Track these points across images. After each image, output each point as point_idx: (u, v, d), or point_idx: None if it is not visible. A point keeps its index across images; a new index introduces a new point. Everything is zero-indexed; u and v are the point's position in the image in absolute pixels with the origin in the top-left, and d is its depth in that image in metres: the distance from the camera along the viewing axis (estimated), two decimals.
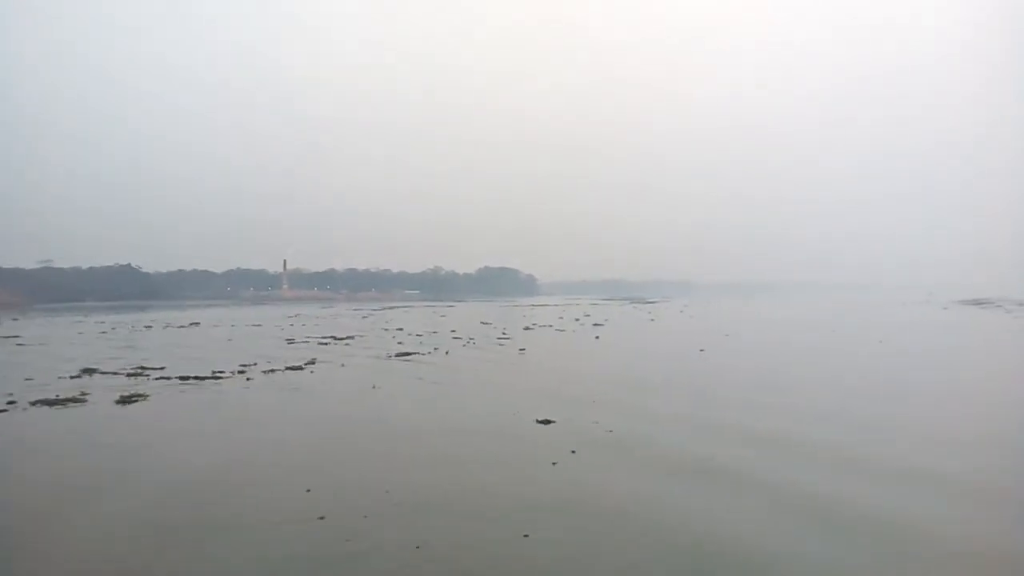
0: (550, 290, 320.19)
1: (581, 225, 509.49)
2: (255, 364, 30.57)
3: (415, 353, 35.33)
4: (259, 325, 66.52)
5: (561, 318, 77.92)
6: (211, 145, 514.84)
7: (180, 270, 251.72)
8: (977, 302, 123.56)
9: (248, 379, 26.21)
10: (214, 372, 27.71)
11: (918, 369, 29.85)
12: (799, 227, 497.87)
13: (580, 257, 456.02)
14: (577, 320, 72.79)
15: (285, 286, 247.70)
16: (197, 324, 67.98)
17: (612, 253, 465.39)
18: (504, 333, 51.76)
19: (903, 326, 62.79)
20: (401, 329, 57.90)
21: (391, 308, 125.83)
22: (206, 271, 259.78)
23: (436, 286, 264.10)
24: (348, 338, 47.37)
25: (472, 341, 44.12)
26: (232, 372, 27.85)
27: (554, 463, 13.23)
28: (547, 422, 16.89)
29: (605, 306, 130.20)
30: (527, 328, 59.38)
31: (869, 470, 12.49)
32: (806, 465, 12.91)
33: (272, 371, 28.29)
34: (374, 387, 23.73)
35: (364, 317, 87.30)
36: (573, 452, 14.01)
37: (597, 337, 49.27)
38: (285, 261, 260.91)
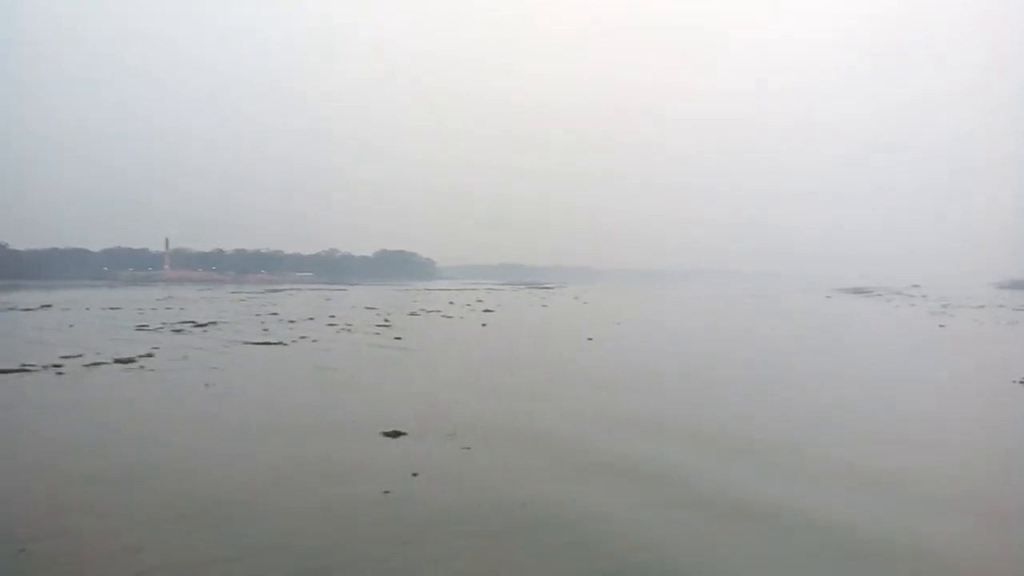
0: (450, 274, 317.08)
1: (483, 209, 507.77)
2: (80, 355, 26.47)
3: (278, 343, 31.92)
4: (118, 308, 60.44)
5: (452, 303, 75.62)
6: (94, 116, 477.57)
7: (54, 248, 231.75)
8: (858, 291, 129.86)
9: (59, 374, 22.33)
10: (23, 365, 23.59)
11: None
12: (708, 214, 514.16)
13: (481, 242, 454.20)
14: (468, 306, 70.62)
15: (166, 266, 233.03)
16: (48, 307, 61.17)
17: (514, 238, 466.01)
18: (386, 320, 48.79)
19: (768, 312, 64.90)
20: (275, 314, 53.90)
21: (277, 291, 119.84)
22: (82, 249, 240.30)
23: (331, 269, 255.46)
24: (210, 324, 43.15)
25: (348, 328, 41.01)
26: (45, 366, 23.78)
27: (386, 491, 10.70)
28: (396, 434, 14.27)
29: (501, 291, 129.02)
30: (412, 314, 56.59)
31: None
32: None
33: (96, 364, 24.39)
34: (207, 386, 20.39)
35: (241, 300, 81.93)
36: (415, 475, 11.51)
37: (484, 324, 47.21)
38: (167, 240, 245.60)
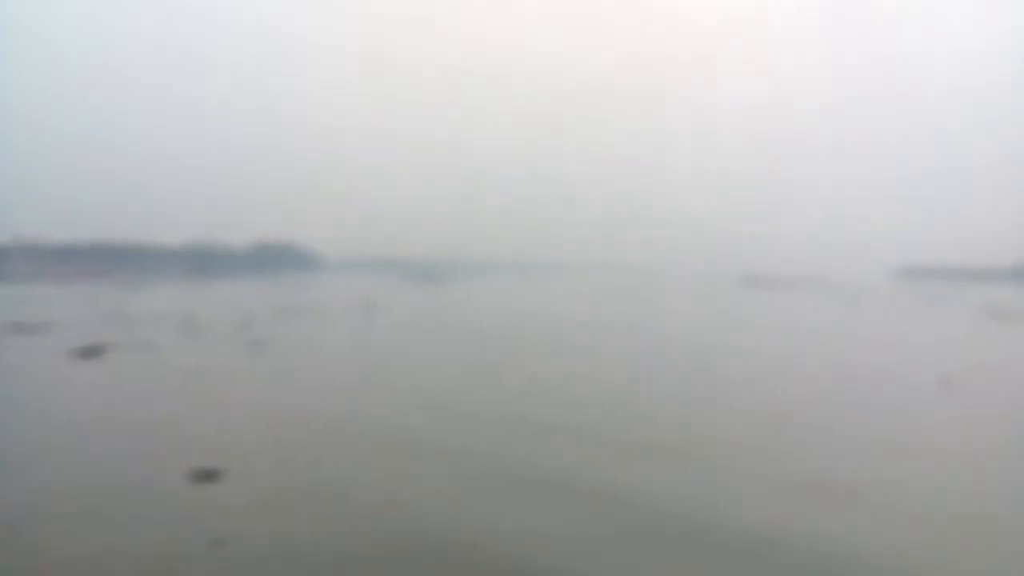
0: (339, 268, 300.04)
1: (378, 198, 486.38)
2: None
3: None
4: None
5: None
6: None
7: None
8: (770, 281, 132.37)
9: None
10: None
11: None
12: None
13: (376, 233, 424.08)
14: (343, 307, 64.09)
15: None
16: None
17: (415, 230, 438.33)
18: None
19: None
20: None
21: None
22: None
23: (198, 262, 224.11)
24: None
25: None
26: None
27: None
28: None
29: (396, 285, 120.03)
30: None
31: None
32: None
33: None
34: None
35: None
36: None
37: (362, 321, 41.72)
38: None
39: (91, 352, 29.96)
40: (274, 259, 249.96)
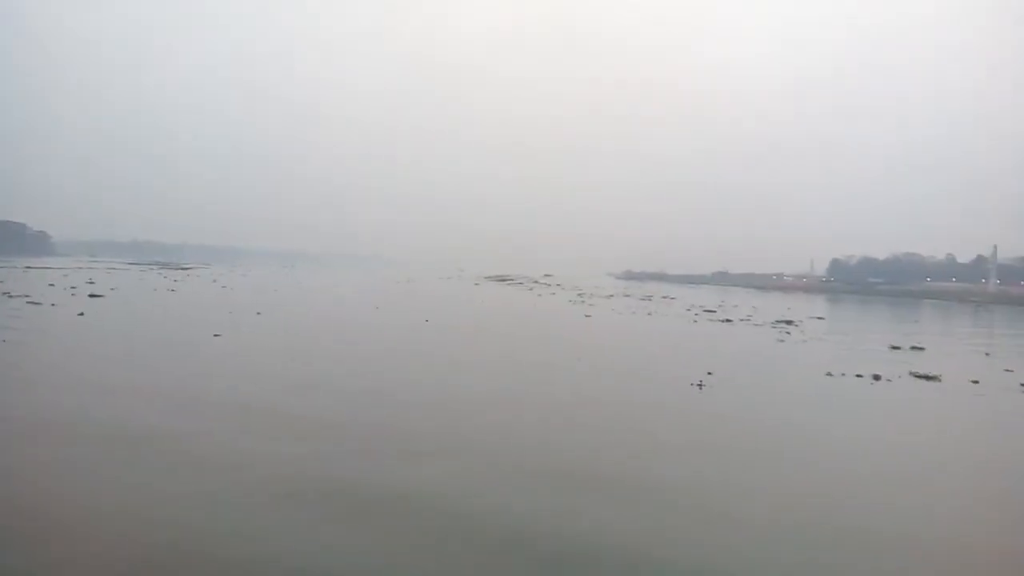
0: (68, 250, 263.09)
1: (107, 177, 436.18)
2: None
3: None
4: None
5: (52, 285, 56.13)
6: None
7: None
8: (501, 278, 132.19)
9: None
10: None
11: None
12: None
13: (109, 214, 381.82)
14: (73, 289, 52.05)
15: None
16: None
17: (152, 212, 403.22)
18: None
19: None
20: None
21: None
22: None
23: None
24: None
25: None
26: None
27: None
28: None
29: (125, 271, 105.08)
30: None
31: None
32: None
33: None
34: None
35: None
36: None
37: (81, 314, 32.31)
38: None
39: None
40: None
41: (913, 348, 30.32)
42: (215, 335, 26.22)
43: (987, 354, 30.23)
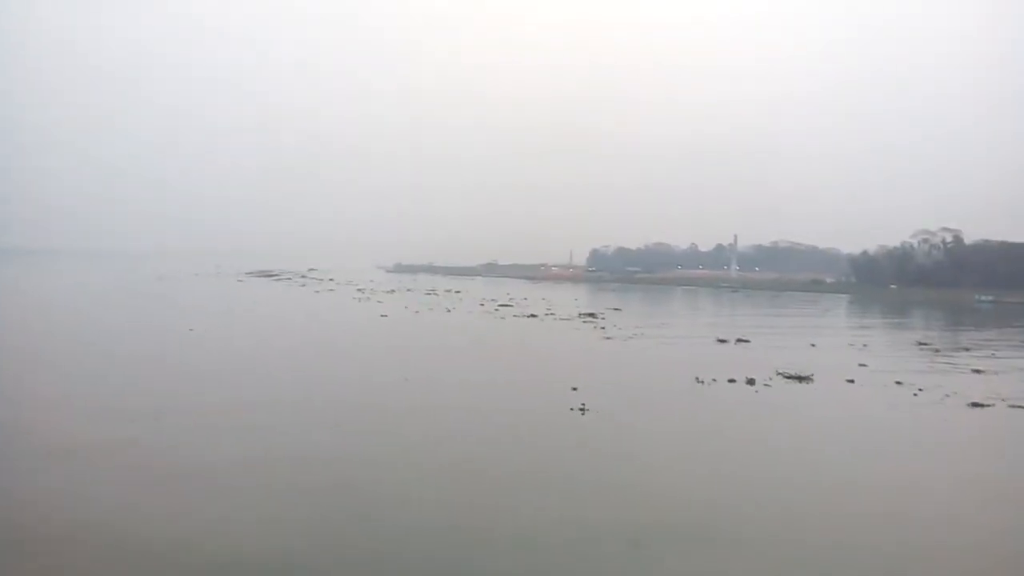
0: None
1: None
2: None
3: None
4: None
5: None
6: None
7: None
8: (265, 274, 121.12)
9: None
10: None
11: None
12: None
13: None
14: None
15: None
16: None
17: None
18: None
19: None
20: None
21: None
22: None
23: None
24: None
25: None
26: None
27: None
28: None
29: None
30: None
31: None
32: None
33: None
34: None
35: None
36: None
37: None
38: None
39: None
40: None
41: (739, 341, 29.60)
42: None
43: (813, 345, 30.13)
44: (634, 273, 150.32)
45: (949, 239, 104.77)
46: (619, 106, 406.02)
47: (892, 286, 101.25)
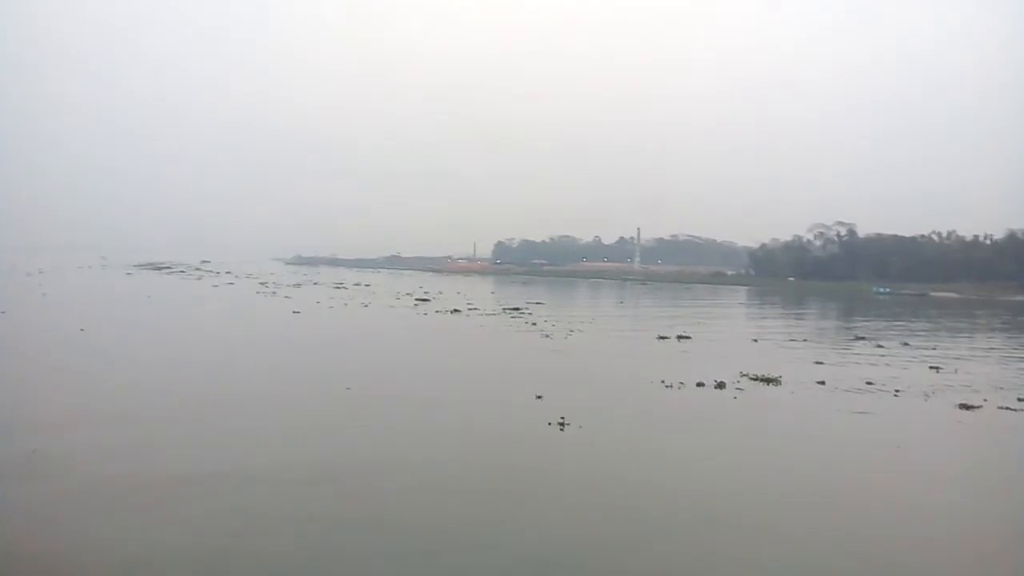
0: None
1: None
2: None
3: None
4: None
5: None
6: None
7: None
8: (156, 266, 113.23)
9: None
10: None
11: None
12: None
13: None
14: None
15: None
16: None
17: None
18: None
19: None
20: None
21: None
22: None
23: None
24: None
25: None
26: None
27: None
28: None
29: None
30: None
31: None
32: None
33: None
34: None
35: None
36: None
37: None
38: None
39: None
40: None
41: (680, 337, 28.22)
42: None
43: (755, 340, 29.06)
44: (541, 265, 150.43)
45: (844, 232, 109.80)
46: (518, 93, 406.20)
47: (790, 279, 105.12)
